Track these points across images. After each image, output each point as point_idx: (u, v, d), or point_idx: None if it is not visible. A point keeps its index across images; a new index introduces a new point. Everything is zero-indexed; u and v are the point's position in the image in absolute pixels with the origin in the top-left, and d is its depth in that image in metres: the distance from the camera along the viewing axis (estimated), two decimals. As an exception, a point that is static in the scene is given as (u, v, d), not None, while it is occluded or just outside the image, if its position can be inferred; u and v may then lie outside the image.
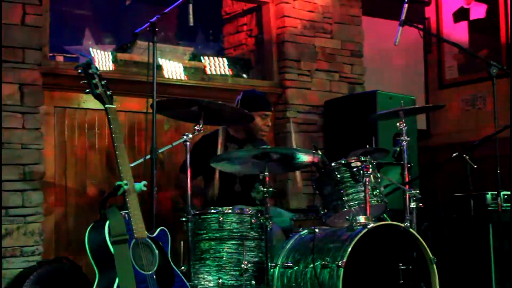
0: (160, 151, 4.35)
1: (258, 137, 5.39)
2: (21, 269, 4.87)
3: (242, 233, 4.43)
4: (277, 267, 4.43)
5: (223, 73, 6.50)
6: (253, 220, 4.46)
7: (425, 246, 4.42)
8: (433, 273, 4.42)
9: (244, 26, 7.02)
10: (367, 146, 4.93)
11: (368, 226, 4.23)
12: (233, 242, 4.41)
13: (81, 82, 4.04)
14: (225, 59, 6.59)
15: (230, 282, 4.33)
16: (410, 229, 4.42)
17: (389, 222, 4.65)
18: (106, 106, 4.01)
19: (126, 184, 3.85)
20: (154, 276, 3.81)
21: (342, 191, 4.55)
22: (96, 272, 3.78)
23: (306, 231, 4.55)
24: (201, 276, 4.35)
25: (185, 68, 6.15)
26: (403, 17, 5.10)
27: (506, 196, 5.67)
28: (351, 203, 4.52)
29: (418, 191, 4.78)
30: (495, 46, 7.54)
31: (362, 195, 4.49)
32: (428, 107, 6.20)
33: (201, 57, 6.47)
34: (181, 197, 5.31)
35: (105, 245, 3.69)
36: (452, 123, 7.87)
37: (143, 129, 5.58)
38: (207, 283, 4.33)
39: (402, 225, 4.40)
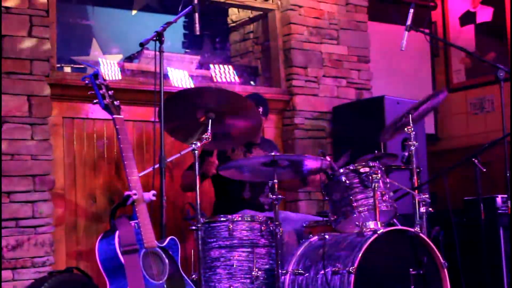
0: (168, 160, 4.35)
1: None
2: (32, 280, 4.87)
3: (252, 240, 4.43)
4: (288, 274, 4.42)
5: (230, 80, 6.50)
6: (263, 227, 4.46)
7: (435, 251, 4.40)
8: (444, 278, 4.41)
9: (250, 34, 7.03)
10: (376, 151, 4.92)
11: (378, 232, 4.22)
12: (244, 249, 4.41)
13: (88, 93, 4.06)
14: (232, 67, 6.60)
15: (241, 290, 4.33)
16: (420, 234, 4.41)
17: (399, 227, 4.64)
18: (114, 116, 4.02)
19: (135, 194, 3.86)
20: (165, 286, 3.82)
21: (351, 197, 4.54)
22: (107, 282, 3.78)
23: (316, 237, 4.54)
24: (212, 284, 4.35)
25: (192, 77, 6.16)
26: (409, 22, 5.10)
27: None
28: (360, 208, 4.52)
29: (427, 196, 4.77)
30: (502, 49, 7.53)
31: (371, 200, 4.49)
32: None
33: (209, 65, 6.48)
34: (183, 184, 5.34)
35: (115, 255, 3.70)
36: (460, 126, 7.86)
37: (152, 138, 5.58)
38: (218, 291, 4.33)
39: (412, 230, 4.39)
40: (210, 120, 4.41)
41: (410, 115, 4.89)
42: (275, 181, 4.39)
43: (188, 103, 4.51)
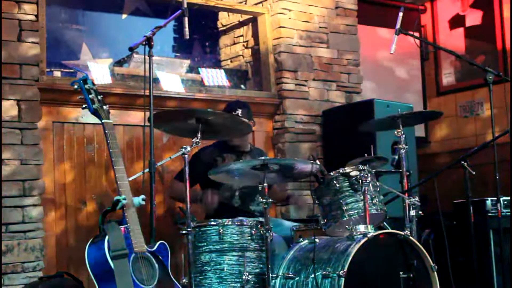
0: (158, 164, 4.35)
1: (235, 145, 5.38)
2: (23, 285, 4.87)
3: (243, 244, 4.43)
4: (279, 278, 4.41)
5: (220, 84, 6.50)
6: (253, 231, 4.46)
7: (425, 254, 4.41)
8: (434, 281, 4.41)
9: (240, 38, 7.04)
10: (366, 154, 4.93)
11: (368, 235, 4.23)
12: (234, 253, 4.41)
13: (77, 97, 4.05)
14: (222, 71, 6.60)
15: (231, 294, 4.32)
16: (410, 237, 4.42)
17: (389, 230, 4.65)
18: (103, 121, 4.01)
19: (124, 199, 3.85)
20: (155, 290, 3.81)
21: (341, 201, 4.55)
22: (97, 287, 3.77)
23: (306, 241, 4.54)
24: (202, 288, 4.35)
25: (182, 81, 6.16)
26: (398, 25, 5.12)
27: (506, 202, 5.68)
28: (350, 212, 4.52)
29: (417, 199, 4.78)
30: (492, 52, 7.56)
31: (361, 204, 4.49)
32: (425, 112, 6.19)
33: (199, 69, 6.48)
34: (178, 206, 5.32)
35: (105, 260, 3.69)
36: (450, 129, 7.88)
37: (142, 143, 5.58)
38: (208, 295, 4.33)
39: (402, 233, 4.40)
40: (200, 125, 4.41)
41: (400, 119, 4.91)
42: (265, 184, 4.39)
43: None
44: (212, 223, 4.45)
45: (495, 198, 5.15)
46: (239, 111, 5.27)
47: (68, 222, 5.40)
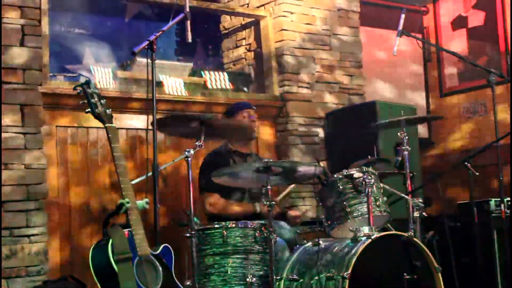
0: (161, 167, 4.35)
1: (249, 135, 5.38)
2: (27, 289, 4.89)
3: (246, 247, 4.42)
4: (282, 280, 4.41)
5: (223, 87, 6.51)
6: (257, 234, 4.46)
7: (429, 255, 4.41)
8: (438, 283, 4.41)
9: (243, 41, 7.04)
10: (369, 156, 4.93)
11: (372, 237, 4.23)
12: (238, 256, 4.40)
13: (80, 102, 4.05)
14: (225, 74, 6.60)
15: (235, 296, 4.32)
16: (414, 239, 4.42)
17: (393, 232, 4.65)
18: (106, 125, 4.02)
19: (128, 202, 3.86)
20: (159, 293, 3.82)
21: (345, 203, 4.55)
22: (101, 290, 3.79)
23: (310, 243, 4.54)
24: (207, 291, 4.34)
25: (185, 84, 6.16)
26: (400, 27, 5.12)
27: (509, 203, 5.67)
28: (354, 214, 4.53)
29: (421, 200, 4.78)
30: (494, 53, 7.56)
31: (365, 206, 4.49)
32: (427, 117, 6.19)
33: (201, 72, 6.48)
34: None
35: (108, 263, 3.70)
36: (453, 131, 7.88)
37: (145, 146, 5.59)
38: (212, 298, 4.32)
39: (405, 234, 4.39)
40: (203, 128, 4.41)
41: (403, 121, 4.91)
42: (269, 187, 4.39)
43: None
44: (216, 226, 4.46)
45: (499, 199, 5.14)
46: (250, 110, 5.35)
47: (72, 226, 5.41)
